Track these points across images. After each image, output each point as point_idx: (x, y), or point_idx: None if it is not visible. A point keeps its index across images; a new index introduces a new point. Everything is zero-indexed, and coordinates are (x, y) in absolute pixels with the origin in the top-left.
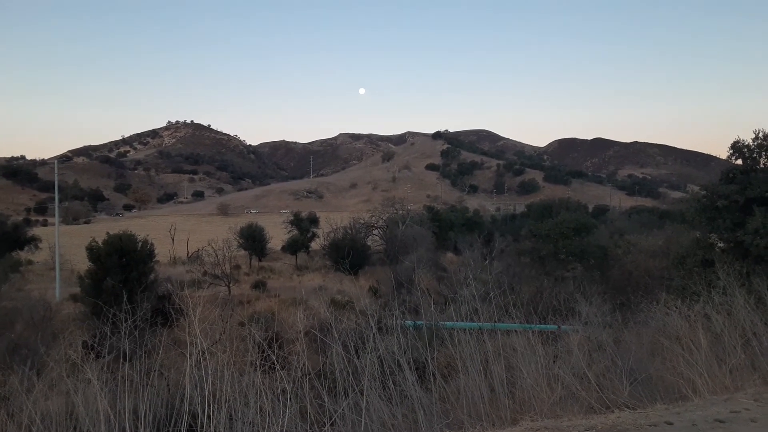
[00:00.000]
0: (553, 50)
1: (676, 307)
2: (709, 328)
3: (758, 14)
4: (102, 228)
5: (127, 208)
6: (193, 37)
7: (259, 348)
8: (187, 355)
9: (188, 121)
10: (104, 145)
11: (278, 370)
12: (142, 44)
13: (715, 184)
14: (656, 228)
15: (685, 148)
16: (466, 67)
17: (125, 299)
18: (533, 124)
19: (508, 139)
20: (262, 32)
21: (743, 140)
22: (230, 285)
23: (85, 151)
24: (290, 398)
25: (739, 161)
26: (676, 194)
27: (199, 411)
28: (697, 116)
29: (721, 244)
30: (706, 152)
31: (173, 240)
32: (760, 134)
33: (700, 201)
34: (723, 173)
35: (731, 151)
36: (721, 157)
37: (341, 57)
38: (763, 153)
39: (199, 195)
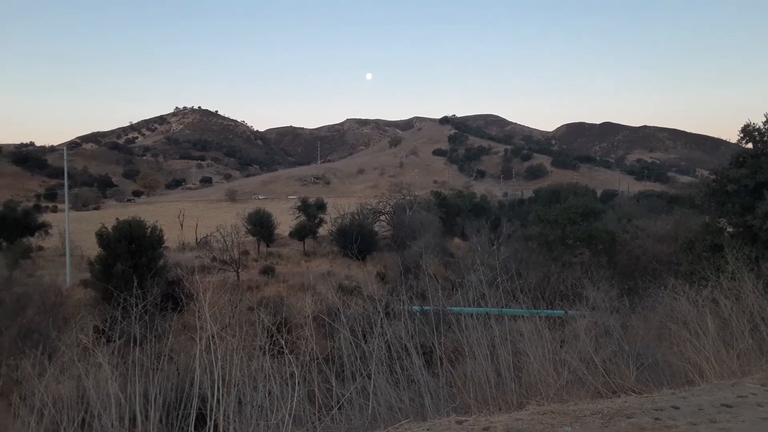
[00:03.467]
0: (561, 34)
1: (684, 292)
2: (717, 313)
3: None
4: (111, 214)
5: (136, 194)
6: (200, 23)
7: (267, 333)
8: (197, 340)
9: (196, 107)
10: (113, 132)
11: (287, 355)
12: (149, 31)
13: (724, 169)
14: (665, 213)
15: (694, 132)
16: (474, 52)
17: (135, 284)
18: (541, 108)
19: (515, 123)
20: (268, 18)
21: (754, 124)
22: (239, 270)
23: (94, 138)
24: (298, 382)
25: (750, 145)
26: (685, 179)
27: (209, 395)
28: (707, 100)
29: (730, 229)
30: (715, 136)
31: (182, 226)
32: None
33: (710, 185)
34: (733, 157)
35: (741, 135)
36: (731, 141)
37: (348, 42)
38: None
39: (207, 181)
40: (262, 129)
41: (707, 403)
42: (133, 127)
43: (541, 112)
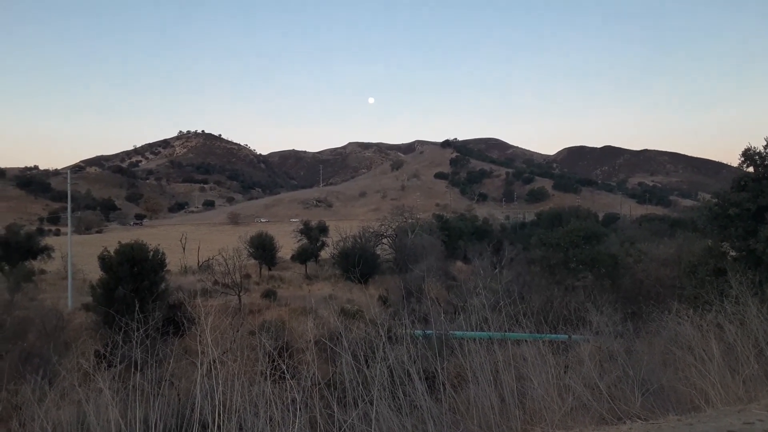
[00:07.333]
0: (562, 58)
1: (688, 317)
2: (722, 338)
3: None
4: (114, 237)
5: (139, 217)
6: (205, 47)
7: (269, 357)
8: (198, 365)
9: (199, 131)
10: (116, 155)
11: (288, 380)
12: (153, 55)
13: (726, 192)
14: (667, 236)
15: (695, 155)
16: (475, 76)
17: (137, 308)
18: (542, 132)
19: (517, 147)
20: (271, 42)
21: (755, 147)
22: (240, 294)
23: (98, 161)
24: (300, 408)
25: (751, 169)
26: (687, 202)
27: (210, 421)
28: (708, 123)
29: (733, 253)
30: (717, 160)
31: (184, 249)
32: None
33: (712, 209)
34: (734, 181)
35: (742, 159)
36: (732, 165)
37: (351, 66)
38: None
39: (209, 204)
40: (264, 152)
41: (714, 430)
42: (136, 151)
43: (542, 135)
